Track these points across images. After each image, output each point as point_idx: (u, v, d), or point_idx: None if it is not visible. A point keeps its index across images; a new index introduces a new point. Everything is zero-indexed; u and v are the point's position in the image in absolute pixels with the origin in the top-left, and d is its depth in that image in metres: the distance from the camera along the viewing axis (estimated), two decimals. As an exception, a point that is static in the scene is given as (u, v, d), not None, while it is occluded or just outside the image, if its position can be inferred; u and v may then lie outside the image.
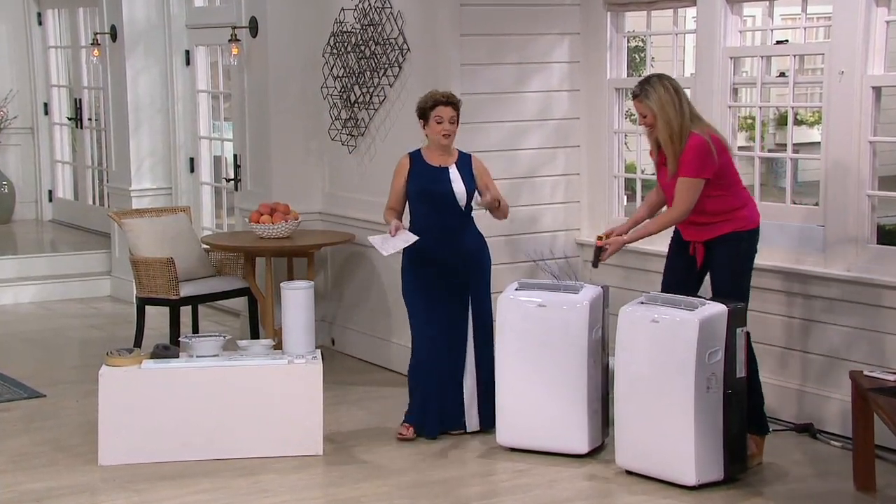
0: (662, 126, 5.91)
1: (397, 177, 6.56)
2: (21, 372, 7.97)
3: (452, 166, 6.51)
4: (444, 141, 6.47)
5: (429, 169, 6.49)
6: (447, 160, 6.52)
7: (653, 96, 5.92)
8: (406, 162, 6.56)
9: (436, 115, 6.45)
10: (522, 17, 7.51)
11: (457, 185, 6.47)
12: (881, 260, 6.29)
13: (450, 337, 6.54)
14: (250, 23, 8.59)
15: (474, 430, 6.60)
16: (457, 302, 6.54)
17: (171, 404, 6.19)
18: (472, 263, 6.56)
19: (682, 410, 5.65)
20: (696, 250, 6.07)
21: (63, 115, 12.71)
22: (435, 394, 6.52)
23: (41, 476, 6.03)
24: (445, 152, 6.53)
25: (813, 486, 5.81)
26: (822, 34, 9.74)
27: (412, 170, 6.52)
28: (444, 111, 6.44)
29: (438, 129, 6.45)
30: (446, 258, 6.49)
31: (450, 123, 6.45)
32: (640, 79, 6.09)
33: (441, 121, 6.44)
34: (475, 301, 6.57)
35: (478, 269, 6.59)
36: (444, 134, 6.45)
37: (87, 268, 10.79)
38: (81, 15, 12.09)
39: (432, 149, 6.54)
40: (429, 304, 6.52)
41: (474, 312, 6.57)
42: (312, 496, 5.82)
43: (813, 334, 6.57)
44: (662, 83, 5.94)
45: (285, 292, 6.54)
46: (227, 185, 9.71)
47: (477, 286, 6.58)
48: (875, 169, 6.36)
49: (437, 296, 6.52)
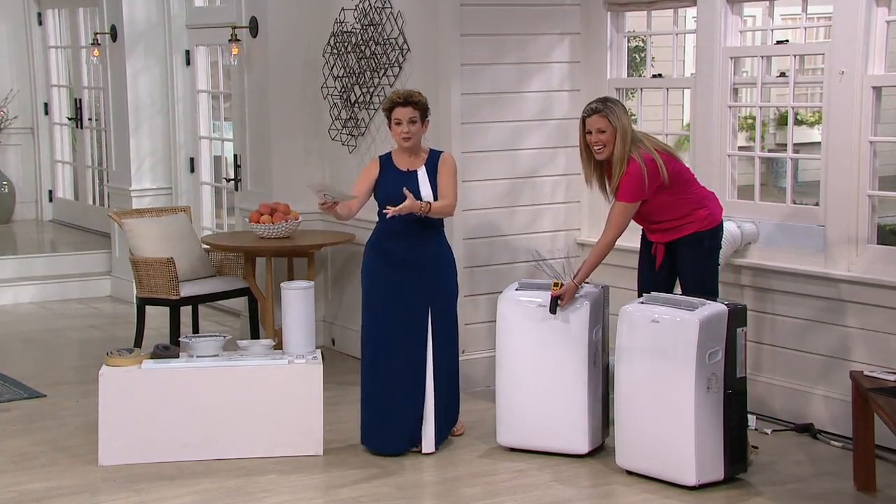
0: (619, 143, 6.05)
1: (363, 178, 6.35)
2: (21, 372, 7.97)
3: (421, 169, 6.29)
4: (405, 143, 6.23)
5: (397, 174, 6.28)
6: (415, 163, 6.30)
7: (617, 112, 6.07)
8: (375, 166, 6.35)
9: (394, 117, 6.22)
10: (522, 17, 7.50)
11: (424, 190, 6.23)
12: (881, 260, 6.29)
13: (408, 346, 6.26)
14: (250, 23, 8.59)
15: (430, 451, 6.30)
16: (419, 308, 6.27)
17: (171, 404, 6.19)
18: (435, 270, 6.31)
19: (683, 410, 5.65)
20: (657, 250, 6.24)
21: (63, 115, 12.72)
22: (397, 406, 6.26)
23: (41, 476, 6.03)
24: (413, 154, 6.31)
25: (813, 486, 5.81)
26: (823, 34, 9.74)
27: (381, 174, 6.30)
28: (401, 112, 6.20)
29: (398, 132, 6.22)
30: (409, 262, 6.26)
31: (410, 124, 6.20)
32: (597, 98, 6.24)
33: (399, 122, 6.21)
34: (436, 309, 6.29)
35: (444, 276, 6.35)
36: (404, 136, 6.22)
37: (87, 268, 10.79)
38: (81, 15, 12.10)
39: (400, 151, 6.33)
40: (388, 309, 6.28)
41: (435, 321, 6.28)
42: (312, 496, 5.82)
43: (813, 334, 6.57)
44: (620, 105, 6.13)
45: (285, 292, 6.54)
46: (227, 185, 9.71)
47: (440, 294, 6.32)
48: (875, 169, 6.36)
49: (398, 301, 6.27)
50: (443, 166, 6.31)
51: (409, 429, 6.29)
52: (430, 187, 6.27)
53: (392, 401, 6.27)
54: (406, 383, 6.28)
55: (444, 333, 6.33)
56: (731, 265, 6.81)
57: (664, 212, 6.16)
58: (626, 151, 6.01)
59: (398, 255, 6.27)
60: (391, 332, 6.28)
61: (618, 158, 6.04)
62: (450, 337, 6.38)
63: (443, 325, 6.33)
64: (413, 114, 6.22)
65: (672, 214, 6.16)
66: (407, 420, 6.28)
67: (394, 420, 6.28)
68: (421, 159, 6.32)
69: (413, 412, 6.28)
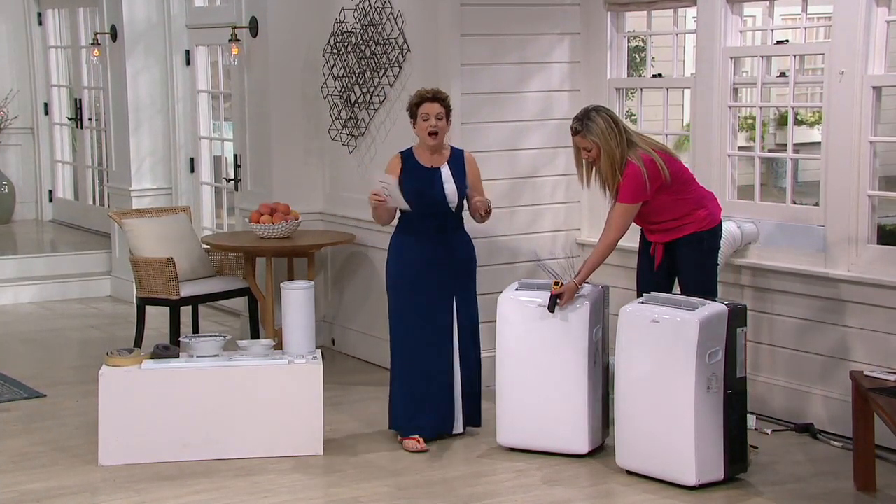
0: (605, 158, 6.08)
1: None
2: (21, 372, 7.97)
3: (444, 166, 6.40)
4: (431, 140, 6.33)
5: (421, 170, 6.37)
6: (438, 160, 6.41)
7: (594, 129, 6.07)
8: (398, 161, 6.43)
9: (422, 111, 6.33)
10: (522, 17, 7.50)
11: (448, 186, 6.36)
12: (881, 260, 6.29)
13: (436, 338, 6.43)
14: (250, 23, 8.59)
15: (459, 432, 6.56)
16: (444, 303, 6.43)
17: (171, 404, 6.19)
18: (460, 265, 6.47)
19: (682, 410, 5.65)
20: (656, 250, 6.26)
21: (63, 115, 12.72)
22: (430, 394, 6.44)
23: (41, 476, 6.03)
24: (436, 151, 6.41)
25: (813, 486, 5.81)
26: (823, 34, 9.75)
27: (404, 170, 6.38)
28: (430, 108, 6.32)
29: (425, 127, 6.32)
30: (435, 259, 6.39)
31: (437, 120, 6.31)
32: (577, 114, 6.22)
33: (427, 118, 6.31)
34: (461, 303, 6.46)
35: (465, 271, 6.49)
36: (431, 132, 6.31)
37: (87, 268, 10.80)
38: (81, 15, 12.10)
39: (423, 148, 6.42)
40: (415, 304, 6.41)
41: (460, 314, 6.46)
42: (312, 496, 5.82)
43: (813, 334, 6.57)
44: (600, 115, 6.10)
45: (285, 292, 6.54)
46: (227, 185, 9.71)
47: (465, 288, 6.48)
48: (875, 169, 6.36)
49: (424, 296, 6.40)
50: (471, 166, 6.49)
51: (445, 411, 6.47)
52: (454, 184, 6.38)
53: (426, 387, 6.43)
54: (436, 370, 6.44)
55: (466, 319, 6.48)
56: (730, 265, 6.82)
57: (664, 212, 6.16)
58: (613, 162, 6.04)
59: (427, 249, 6.39)
60: (421, 326, 6.41)
61: (606, 171, 6.08)
62: (472, 321, 6.53)
63: (466, 312, 6.49)
64: (440, 110, 6.33)
65: (671, 214, 6.16)
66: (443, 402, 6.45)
67: (428, 406, 6.43)
68: (444, 156, 6.43)
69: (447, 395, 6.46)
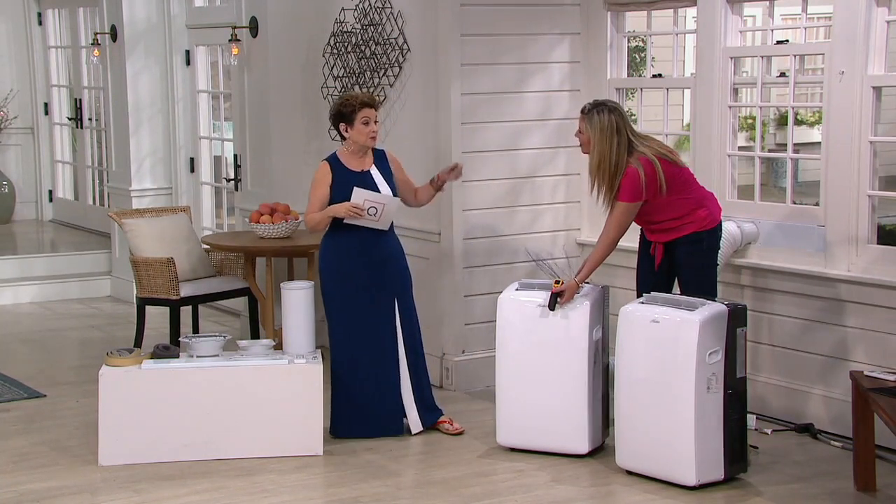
0: (594, 153, 6.12)
1: (320, 186, 6.43)
2: (21, 372, 7.97)
3: (373, 168, 6.48)
4: (372, 143, 6.43)
5: (352, 175, 6.41)
6: (366, 163, 6.48)
7: (595, 121, 6.11)
8: (327, 170, 6.45)
9: (363, 116, 6.38)
10: (522, 17, 7.50)
11: (383, 188, 6.44)
12: (881, 260, 6.29)
13: (380, 342, 6.49)
14: (250, 23, 8.60)
15: (417, 430, 6.58)
16: (385, 306, 6.49)
17: (171, 404, 6.18)
18: (396, 267, 6.53)
19: (682, 410, 5.65)
20: (656, 249, 6.27)
21: (63, 115, 12.72)
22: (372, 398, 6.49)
23: (41, 476, 6.03)
24: (363, 154, 6.48)
25: (813, 486, 5.81)
26: (823, 34, 9.76)
27: (334, 178, 6.42)
28: (370, 112, 6.40)
29: (367, 131, 6.39)
30: (371, 262, 6.46)
31: (375, 123, 6.42)
32: (594, 100, 6.25)
33: (368, 122, 6.39)
34: (402, 304, 6.53)
35: (402, 272, 6.56)
36: (372, 136, 6.40)
37: (87, 268, 10.80)
38: (81, 15, 12.10)
39: (352, 152, 6.47)
40: (355, 310, 6.47)
41: (402, 316, 6.52)
42: (312, 496, 5.82)
43: (813, 334, 6.57)
44: (611, 116, 6.11)
45: (285, 292, 6.54)
46: (227, 185, 9.71)
47: (403, 289, 6.55)
48: (875, 169, 6.36)
49: (363, 301, 6.47)
50: (395, 164, 6.60)
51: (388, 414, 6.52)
52: (387, 185, 6.46)
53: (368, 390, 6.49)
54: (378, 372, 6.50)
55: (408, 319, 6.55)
56: (730, 265, 6.82)
57: (664, 212, 6.16)
58: (600, 161, 6.05)
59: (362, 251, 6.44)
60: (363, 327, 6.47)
61: (591, 166, 6.11)
62: (413, 321, 6.59)
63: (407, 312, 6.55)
64: (376, 114, 6.45)
65: (672, 214, 6.16)
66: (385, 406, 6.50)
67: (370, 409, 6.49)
68: (370, 158, 6.51)
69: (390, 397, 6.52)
